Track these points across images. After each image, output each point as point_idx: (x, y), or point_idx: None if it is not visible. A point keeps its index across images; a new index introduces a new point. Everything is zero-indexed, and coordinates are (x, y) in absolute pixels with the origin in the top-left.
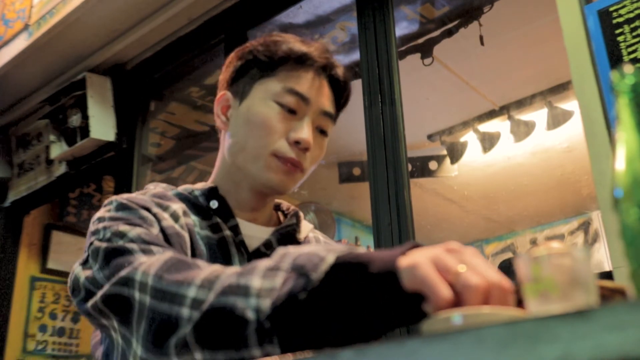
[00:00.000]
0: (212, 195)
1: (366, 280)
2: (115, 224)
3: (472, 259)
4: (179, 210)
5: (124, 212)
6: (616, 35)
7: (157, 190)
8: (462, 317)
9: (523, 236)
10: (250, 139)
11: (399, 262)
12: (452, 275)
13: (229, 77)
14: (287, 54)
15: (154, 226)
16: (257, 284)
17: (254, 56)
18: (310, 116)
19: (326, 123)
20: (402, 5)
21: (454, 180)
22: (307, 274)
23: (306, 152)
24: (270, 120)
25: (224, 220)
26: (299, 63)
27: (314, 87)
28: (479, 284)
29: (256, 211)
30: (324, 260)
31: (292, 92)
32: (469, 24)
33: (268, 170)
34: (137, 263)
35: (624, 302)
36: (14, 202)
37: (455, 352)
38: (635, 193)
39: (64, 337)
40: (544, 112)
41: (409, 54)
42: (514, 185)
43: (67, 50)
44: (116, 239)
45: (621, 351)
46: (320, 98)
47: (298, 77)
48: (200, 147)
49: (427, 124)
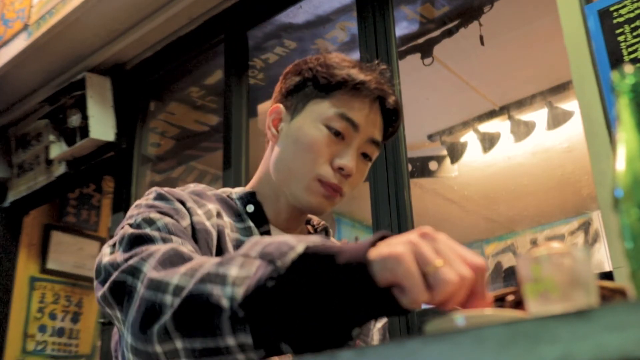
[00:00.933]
0: (249, 199)
1: (334, 270)
2: (148, 211)
3: (447, 249)
4: (213, 210)
5: (160, 201)
6: (616, 35)
7: (197, 189)
8: (465, 318)
9: (523, 236)
10: (296, 159)
11: (369, 254)
12: (430, 267)
13: (285, 90)
14: (346, 79)
15: (185, 219)
16: (234, 272)
17: (313, 75)
18: (357, 143)
19: (372, 150)
20: (402, 5)
21: (454, 180)
22: (274, 261)
23: (347, 178)
24: (318, 144)
25: (257, 225)
26: (355, 89)
27: (366, 115)
28: (456, 281)
29: (290, 223)
30: (293, 249)
31: (343, 117)
32: (469, 24)
33: (309, 192)
34: (146, 253)
35: (624, 302)
36: (14, 202)
37: (455, 353)
38: (635, 193)
39: (63, 338)
40: (544, 112)
41: (409, 54)
42: (514, 185)
43: (66, 50)
44: (145, 225)
45: (621, 351)
46: (370, 127)
47: (352, 104)
48: (200, 147)
49: (427, 124)
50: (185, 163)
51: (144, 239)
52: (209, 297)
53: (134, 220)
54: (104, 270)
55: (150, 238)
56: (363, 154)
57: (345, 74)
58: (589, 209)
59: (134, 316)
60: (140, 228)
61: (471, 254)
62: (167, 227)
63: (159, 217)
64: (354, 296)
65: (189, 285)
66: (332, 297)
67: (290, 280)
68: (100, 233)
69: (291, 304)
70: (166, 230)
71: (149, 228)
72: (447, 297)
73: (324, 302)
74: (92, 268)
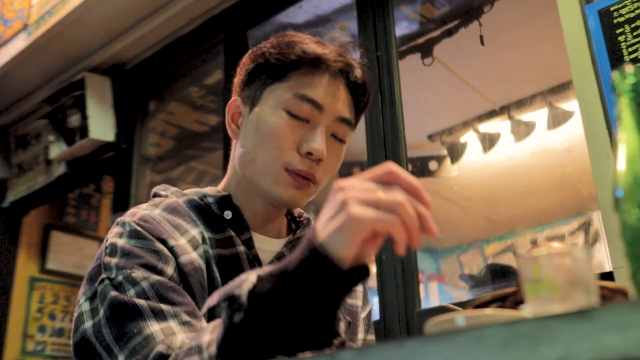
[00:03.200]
0: (225, 204)
1: (291, 274)
2: (128, 265)
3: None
4: (199, 236)
5: (137, 241)
6: (617, 35)
7: (170, 201)
8: (465, 318)
9: (523, 236)
10: (259, 151)
11: (317, 237)
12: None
13: (240, 82)
14: (300, 56)
15: (170, 264)
16: (206, 338)
17: (265, 59)
18: (325, 124)
19: (343, 130)
20: (402, 5)
21: (454, 180)
22: (233, 295)
23: (319, 163)
24: (281, 130)
25: (237, 232)
26: (313, 67)
27: (329, 93)
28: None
29: (269, 223)
30: (247, 279)
31: (303, 98)
32: (469, 24)
33: (278, 185)
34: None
35: (624, 302)
36: (13, 203)
37: (455, 353)
38: (636, 193)
39: (63, 338)
40: (544, 112)
41: (409, 54)
42: (514, 185)
43: (66, 50)
44: (128, 285)
45: (622, 352)
46: (336, 104)
47: (311, 82)
48: (199, 147)
49: (427, 124)
50: (185, 163)
51: (130, 309)
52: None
53: (114, 274)
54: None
55: (137, 310)
56: (333, 135)
57: (299, 50)
58: (589, 209)
59: None
60: (122, 290)
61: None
62: (153, 291)
63: (142, 276)
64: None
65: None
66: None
67: (255, 304)
68: (100, 233)
69: (263, 325)
70: (153, 295)
71: (133, 290)
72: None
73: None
74: None
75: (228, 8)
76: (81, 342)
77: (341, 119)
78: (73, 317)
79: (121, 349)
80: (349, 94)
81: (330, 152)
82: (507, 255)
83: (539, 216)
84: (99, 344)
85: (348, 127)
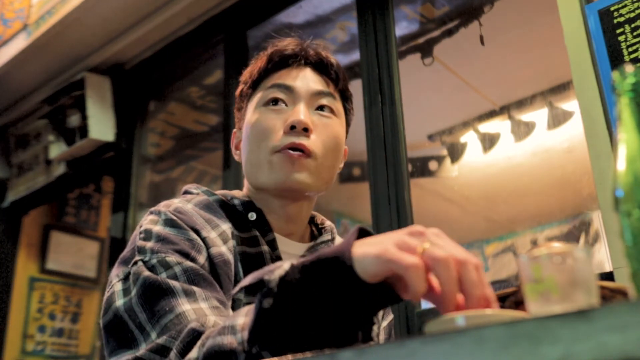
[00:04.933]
0: (249, 207)
1: (321, 275)
2: (162, 250)
3: (437, 238)
4: (228, 231)
5: (172, 229)
6: (617, 35)
7: (201, 199)
8: (465, 318)
9: (523, 236)
10: (252, 149)
11: (352, 249)
12: (418, 252)
13: (235, 111)
14: (265, 62)
15: (202, 253)
16: (241, 320)
17: (241, 89)
18: (304, 100)
19: (329, 101)
20: (402, 5)
21: (454, 180)
22: (263, 279)
23: (308, 134)
24: (263, 123)
25: (262, 233)
26: (276, 64)
27: (297, 77)
28: (446, 257)
29: (291, 224)
30: (280, 266)
31: (273, 86)
32: (469, 24)
33: (273, 169)
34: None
35: (624, 302)
36: (13, 203)
37: (455, 353)
38: (636, 193)
39: (63, 338)
40: (544, 112)
41: (409, 54)
42: (515, 185)
43: (66, 50)
44: (160, 269)
45: (622, 352)
46: (307, 82)
47: (277, 74)
48: (199, 147)
49: (427, 124)
50: (185, 163)
51: (162, 289)
52: (222, 347)
53: (147, 258)
54: (129, 331)
55: (170, 290)
56: (320, 108)
57: (263, 57)
58: (589, 209)
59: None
60: (155, 272)
61: (463, 249)
62: (185, 276)
63: (176, 260)
64: (345, 295)
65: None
66: (325, 299)
67: (283, 293)
68: (99, 233)
69: (292, 314)
70: (185, 279)
71: (165, 273)
72: (447, 275)
73: (319, 306)
74: (91, 268)
75: (228, 8)
76: (113, 321)
77: (318, 93)
78: (103, 298)
79: (153, 326)
80: (319, 74)
81: (319, 124)
82: (507, 256)
83: (539, 216)
84: (132, 322)
85: (331, 99)
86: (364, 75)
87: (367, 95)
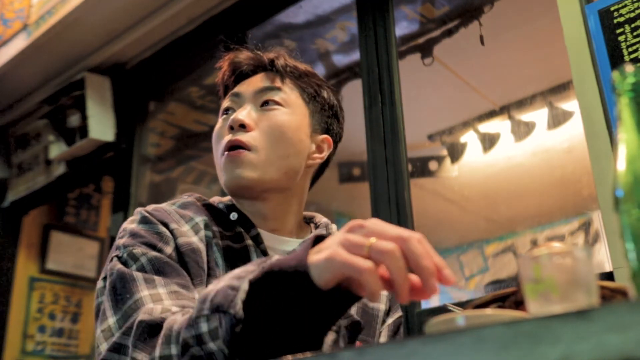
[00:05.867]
0: (231, 209)
1: (282, 289)
2: (131, 243)
3: (376, 227)
4: (201, 223)
5: (144, 225)
6: (617, 35)
7: (187, 200)
8: (464, 318)
9: (523, 236)
10: (214, 158)
11: (310, 260)
12: (365, 249)
13: None
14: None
15: (169, 244)
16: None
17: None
18: (248, 100)
19: (274, 94)
20: (402, 5)
21: (454, 180)
22: (227, 311)
23: (248, 130)
24: (216, 130)
25: (245, 230)
26: (232, 83)
27: (246, 83)
28: (392, 248)
29: (272, 220)
30: (238, 289)
31: (228, 96)
32: (469, 23)
33: (222, 172)
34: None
35: (625, 302)
36: (13, 203)
37: (455, 353)
38: (636, 193)
39: (63, 338)
40: (544, 112)
41: (409, 54)
42: (514, 185)
43: (66, 50)
44: (130, 261)
45: (622, 352)
46: (252, 84)
47: (235, 86)
48: (199, 147)
49: (427, 124)
50: (185, 163)
51: (127, 279)
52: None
53: (121, 252)
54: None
55: (134, 281)
56: (264, 103)
57: (220, 79)
58: (589, 209)
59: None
60: (126, 265)
61: (402, 228)
62: (150, 264)
63: (142, 252)
64: (306, 303)
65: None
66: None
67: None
68: (99, 233)
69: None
70: (150, 268)
71: (134, 265)
72: (396, 265)
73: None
74: (91, 268)
75: (228, 8)
76: (96, 317)
77: (261, 90)
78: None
79: (115, 312)
80: (267, 73)
81: (262, 119)
82: (507, 255)
83: (539, 216)
84: (102, 313)
85: (277, 91)
86: (364, 75)
87: (367, 95)
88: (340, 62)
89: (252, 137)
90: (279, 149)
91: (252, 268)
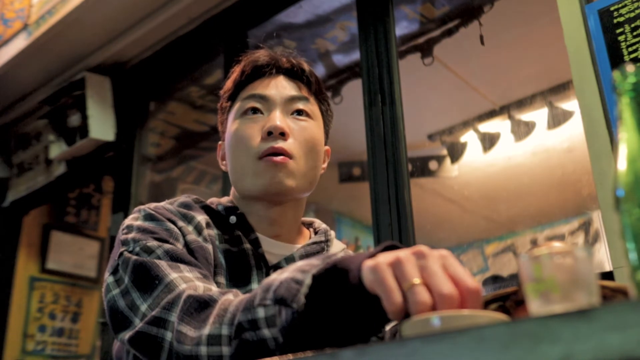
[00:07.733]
0: (231, 211)
1: (342, 288)
2: (143, 238)
3: (434, 265)
4: (203, 222)
5: (151, 222)
6: (617, 35)
7: (185, 200)
8: (440, 319)
9: (523, 236)
10: (236, 157)
11: (364, 264)
12: (406, 284)
13: (220, 131)
14: (239, 74)
15: (179, 240)
16: (261, 314)
17: (220, 103)
18: (279, 106)
19: (304, 105)
20: (402, 4)
21: (454, 180)
22: (290, 305)
23: (286, 138)
24: (241, 132)
25: (244, 234)
26: (250, 76)
27: (270, 85)
28: (426, 303)
29: (277, 226)
30: (302, 284)
31: (249, 97)
32: (469, 23)
33: (259, 176)
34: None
35: (625, 302)
36: (13, 202)
37: (455, 352)
38: (636, 193)
39: (63, 338)
40: (544, 112)
41: (409, 54)
42: (515, 185)
43: (66, 50)
44: (143, 254)
45: (623, 351)
46: (280, 90)
47: (252, 86)
48: (199, 147)
49: (427, 124)
50: (185, 163)
51: (150, 267)
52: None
53: (131, 247)
54: (120, 313)
55: (157, 266)
56: (297, 112)
57: (234, 77)
58: (589, 209)
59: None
60: (140, 257)
61: (466, 275)
62: (168, 255)
63: (157, 244)
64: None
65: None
66: (345, 309)
67: (311, 311)
68: (100, 233)
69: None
70: (168, 258)
71: (149, 257)
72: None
73: (339, 315)
74: (91, 268)
75: (228, 8)
76: (111, 310)
77: (292, 98)
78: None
79: (145, 300)
80: (292, 80)
81: (296, 127)
82: (507, 255)
83: (539, 216)
84: (126, 305)
85: (306, 102)
86: (364, 75)
87: (367, 95)
88: (340, 62)
89: (292, 147)
90: (310, 160)
91: (316, 262)
